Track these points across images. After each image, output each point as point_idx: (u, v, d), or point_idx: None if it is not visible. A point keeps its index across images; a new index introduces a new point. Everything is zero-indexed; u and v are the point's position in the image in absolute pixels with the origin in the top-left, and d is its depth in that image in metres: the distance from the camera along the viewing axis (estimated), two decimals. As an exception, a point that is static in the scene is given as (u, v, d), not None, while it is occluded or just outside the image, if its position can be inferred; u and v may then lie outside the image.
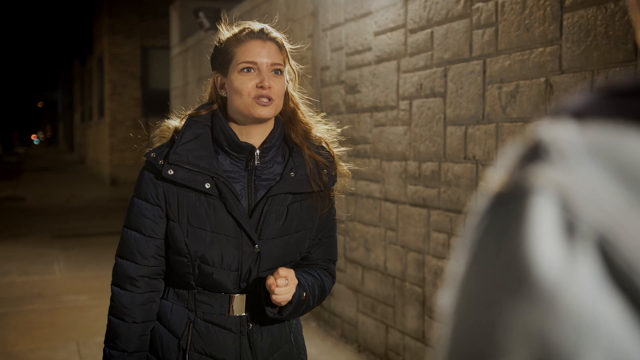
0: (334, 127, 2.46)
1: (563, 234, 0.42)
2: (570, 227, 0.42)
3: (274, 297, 2.09)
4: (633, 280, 0.40)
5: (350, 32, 5.54)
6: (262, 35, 2.21)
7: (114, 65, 19.88)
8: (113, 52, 19.91)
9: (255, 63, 2.17)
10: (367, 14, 5.27)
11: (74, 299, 7.12)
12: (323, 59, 6.00)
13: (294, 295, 2.14)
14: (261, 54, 2.18)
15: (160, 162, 2.19)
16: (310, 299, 2.23)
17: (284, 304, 2.12)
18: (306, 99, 2.44)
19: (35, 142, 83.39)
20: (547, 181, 0.44)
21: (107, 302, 2.30)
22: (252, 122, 2.21)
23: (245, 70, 2.17)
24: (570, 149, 0.44)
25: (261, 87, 2.15)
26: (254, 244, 2.18)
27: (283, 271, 2.10)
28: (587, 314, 0.40)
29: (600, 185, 0.43)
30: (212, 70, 2.33)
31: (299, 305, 2.19)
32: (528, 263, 0.42)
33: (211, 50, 2.35)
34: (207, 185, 2.16)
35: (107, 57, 20.12)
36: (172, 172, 2.16)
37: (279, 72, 2.20)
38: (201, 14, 9.59)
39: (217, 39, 2.31)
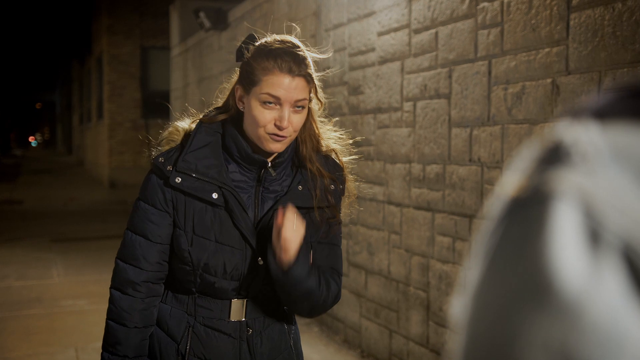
0: (344, 137, 2.42)
1: (587, 243, 0.41)
2: (595, 236, 0.41)
3: (284, 233, 2.02)
4: None
5: (353, 32, 5.55)
6: (293, 68, 2.10)
7: (113, 66, 19.90)
8: (112, 52, 19.93)
9: (278, 98, 2.09)
10: (370, 14, 5.28)
11: (73, 303, 7.12)
12: (325, 60, 6.01)
13: (301, 251, 2.09)
14: (288, 90, 2.09)
15: (169, 168, 2.17)
16: (316, 279, 2.18)
17: (292, 250, 2.06)
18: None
19: (33, 144, 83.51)
20: (569, 186, 0.42)
21: (106, 307, 2.29)
22: (262, 148, 2.18)
23: (266, 103, 2.10)
24: (593, 151, 0.43)
25: (278, 126, 2.09)
26: (257, 257, 2.18)
27: (289, 212, 2.06)
28: (613, 328, 0.39)
29: (625, 189, 0.41)
30: (238, 60, 2.22)
31: (306, 265, 2.13)
32: (550, 273, 0.41)
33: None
34: (215, 196, 2.15)
35: (106, 57, 20.14)
36: (180, 180, 2.15)
37: (302, 108, 2.14)
38: (202, 14, 9.59)
39: (252, 36, 2.21)
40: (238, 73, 2.23)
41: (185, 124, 2.29)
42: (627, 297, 0.39)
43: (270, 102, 2.09)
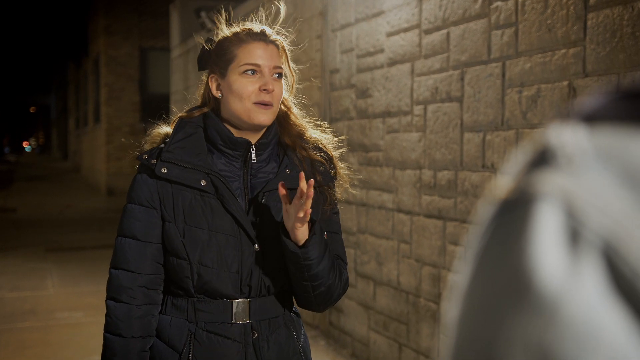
0: (328, 131, 2.49)
1: (567, 242, 0.43)
2: (575, 235, 0.43)
3: (307, 204, 2.03)
4: (638, 288, 0.41)
5: (361, 32, 5.57)
6: (264, 37, 2.27)
7: (111, 68, 19.96)
8: (110, 53, 20.00)
9: (258, 65, 2.21)
10: (379, 14, 5.29)
11: (68, 316, 7.14)
12: (332, 62, 6.02)
13: (315, 226, 2.13)
14: (264, 56, 2.22)
15: (153, 161, 2.23)
16: (330, 260, 2.21)
17: (306, 217, 2.08)
18: (301, 102, 2.50)
19: (27, 150, 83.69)
20: (552, 187, 0.45)
21: (103, 319, 2.30)
22: (248, 129, 2.26)
23: (248, 72, 2.21)
24: (578, 154, 0.45)
25: (264, 90, 2.19)
26: (253, 243, 2.20)
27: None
28: (589, 325, 0.41)
29: (608, 190, 0.43)
30: (201, 70, 2.40)
31: (322, 242, 2.16)
32: (529, 272, 0.43)
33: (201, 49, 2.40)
34: (203, 183, 2.20)
35: (103, 59, 20.20)
36: (166, 170, 2.20)
37: (280, 76, 2.26)
38: (203, 14, 9.63)
39: (210, 38, 2.37)
40: (205, 68, 2.38)
41: (167, 128, 2.38)
42: (605, 295, 0.41)
43: (251, 71, 2.21)
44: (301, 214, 2.06)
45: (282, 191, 2.09)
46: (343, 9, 5.85)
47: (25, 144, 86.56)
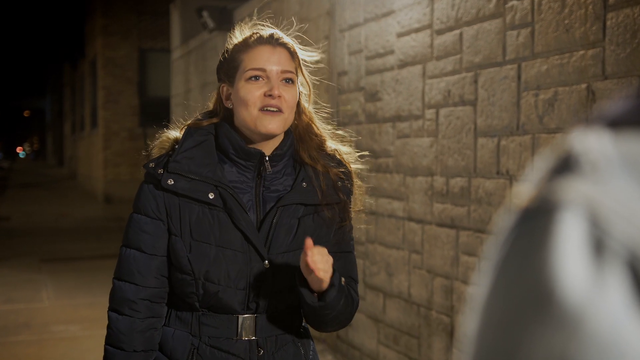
0: (349, 141, 2.48)
1: (591, 252, 0.43)
2: (599, 244, 0.43)
3: (313, 264, 2.02)
4: None
5: (370, 33, 5.58)
6: (271, 40, 2.24)
7: (109, 70, 20.00)
8: (107, 55, 20.04)
9: (263, 70, 2.18)
10: (389, 13, 5.30)
11: (64, 329, 7.15)
12: (340, 63, 6.04)
13: (334, 276, 2.12)
14: (270, 60, 2.19)
15: (160, 171, 2.21)
16: (346, 293, 2.22)
17: (326, 278, 2.08)
18: (322, 111, 2.47)
19: (21, 155, 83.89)
20: (576, 195, 0.44)
21: (101, 333, 2.30)
22: (260, 139, 2.23)
23: (252, 78, 2.19)
24: (603, 160, 0.45)
25: (269, 95, 2.16)
26: (263, 260, 2.19)
27: (314, 248, 2.08)
28: (613, 338, 0.40)
29: (634, 198, 0.43)
30: (218, 81, 2.35)
31: (341, 291, 2.16)
32: (552, 283, 0.43)
33: (218, 56, 2.39)
34: (211, 196, 2.18)
35: (100, 60, 20.25)
36: (172, 182, 2.18)
37: (290, 82, 2.22)
38: (205, 13, 9.63)
39: (225, 48, 2.33)
40: (220, 79, 2.35)
41: (176, 132, 2.35)
42: (630, 307, 0.41)
43: (256, 77, 2.18)
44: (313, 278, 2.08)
45: (309, 244, 2.05)
46: (351, 9, 5.86)
47: (19, 149, 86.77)
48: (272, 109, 2.16)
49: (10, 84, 58.80)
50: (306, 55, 2.34)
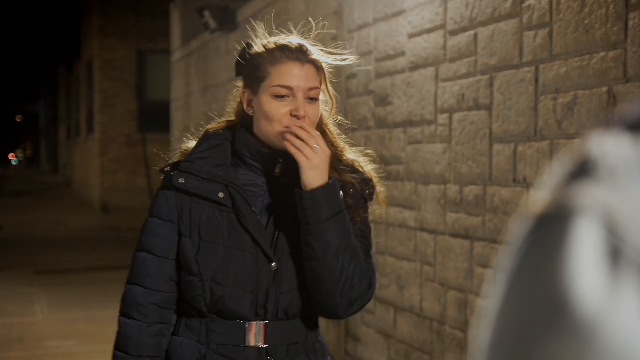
0: (363, 150, 2.52)
1: (607, 260, 0.43)
2: (616, 252, 0.43)
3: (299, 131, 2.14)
4: None
5: (380, 33, 5.58)
6: (300, 56, 2.29)
7: (105, 72, 20.03)
8: (104, 56, 20.07)
9: (290, 88, 2.23)
10: (399, 13, 5.31)
11: (59, 344, 7.15)
12: (348, 66, 6.03)
13: (331, 178, 2.18)
14: (298, 77, 2.25)
15: (172, 172, 2.30)
16: (348, 234, 2.23)
17: (312, 164, 2.15)
18: (333, 117, 2.52)
19: (13, 162, 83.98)
20: (592, 200, 0.45)
21: (96, 348, 2.35)
22: (279, 148, 2.28)
23: (279, 96, 2.24)
24: (621, 165, 0.45)
25: (295, 115, 2.21)
26: (270, 262, 2.24)
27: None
28: (629, 350, 0.41)
29: None
30: (237, 75, 2.42)
31: (336, 202, 2.19)
32: (565, 292, 0.43)
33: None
34: (221, 195, 2.25)
35: (97, 62, 20.28)
36: (184, 181, 2.26)
37: (315, 99, 2.29)
38: (206, 13, 9.64)
39: (249, 43, 2.40)
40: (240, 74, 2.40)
41: (194, 142, 2.43)
42: None
43: (282, 95, 2.23)
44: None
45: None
46: (360, 8, 5.87)
47: (11, 156, 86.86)
48: None
49: (1, 87, 58.94)
50: (337, 60, 2.48)
